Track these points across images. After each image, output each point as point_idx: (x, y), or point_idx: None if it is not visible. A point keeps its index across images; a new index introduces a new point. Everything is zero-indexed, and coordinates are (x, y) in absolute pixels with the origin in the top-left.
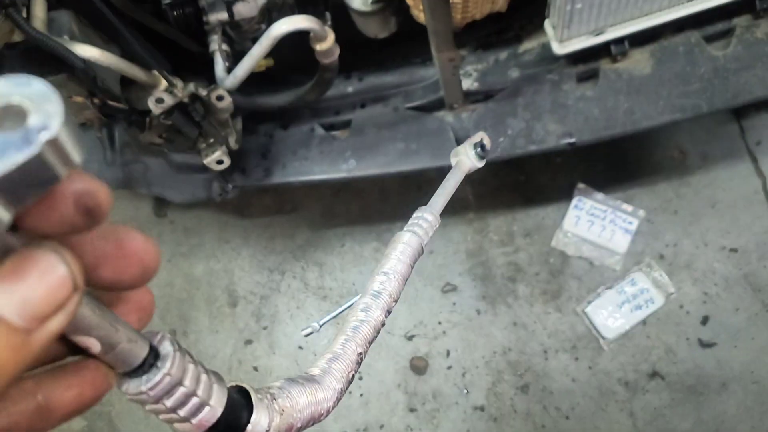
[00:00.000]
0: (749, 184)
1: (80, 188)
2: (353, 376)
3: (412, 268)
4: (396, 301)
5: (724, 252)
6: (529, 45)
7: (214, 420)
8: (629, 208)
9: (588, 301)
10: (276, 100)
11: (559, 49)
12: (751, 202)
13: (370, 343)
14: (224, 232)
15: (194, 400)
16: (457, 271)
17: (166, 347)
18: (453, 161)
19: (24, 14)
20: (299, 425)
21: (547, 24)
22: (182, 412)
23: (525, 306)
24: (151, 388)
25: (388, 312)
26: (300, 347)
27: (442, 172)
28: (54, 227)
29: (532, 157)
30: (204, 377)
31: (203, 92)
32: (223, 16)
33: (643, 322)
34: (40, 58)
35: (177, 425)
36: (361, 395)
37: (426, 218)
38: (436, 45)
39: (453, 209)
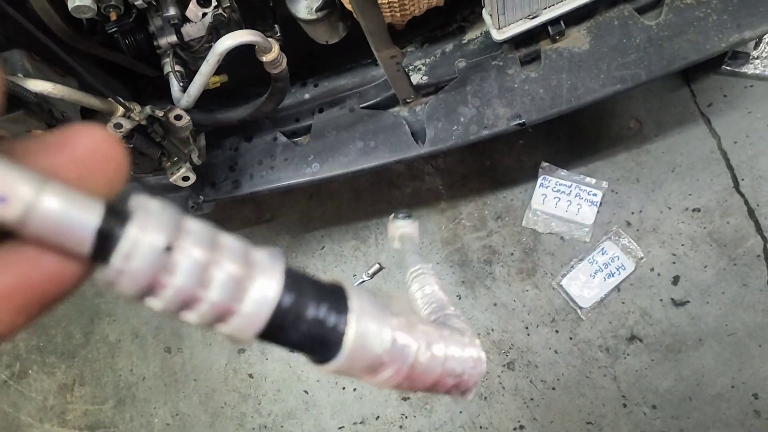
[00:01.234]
0: (705, 145)
1: None
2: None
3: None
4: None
5: (687, 213)
6: (472, 35)
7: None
8: (592, 181)
9: (562, 275)
10: (235, 114)
11: (498, 36)
12: (708, 162)
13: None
14: None
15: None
16: (434, 260)
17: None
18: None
19: None
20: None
21: (485, 13)
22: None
23: (503, 286)
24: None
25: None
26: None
27: (410, 164)
28: None
29: (487, 141)
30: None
31: (160, 113)
32: (173, 38)
33: (617, 288)
34: None
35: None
36: (355, 389)
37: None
38: (375, 45)
39: (425, 201)
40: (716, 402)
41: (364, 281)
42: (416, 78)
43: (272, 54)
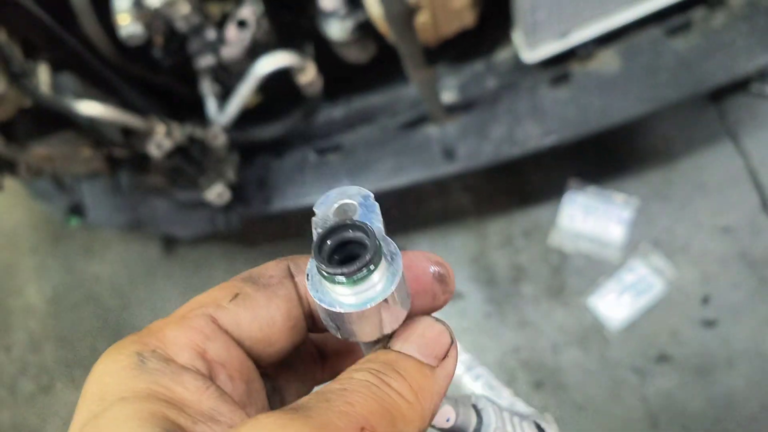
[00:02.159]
0: (733, 164)
1: (433, 261)
2: None
3: None
4: None
5: (717, 232)
6: (503, 55)
7: None
8: (621, 198)
9: (591, 294)
10: (268, 131)
11: (528, 57)
12: (737, 181)
13: None
14: (233, 262)
15: None
16: (462, 277)
17: (484, 403)
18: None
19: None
20: None
21: (515, 34)
22: None
23: (531, 305)
24: None
25: None
26: None
27: (434, 184)
28: (426, 302)
29: (518, 159)
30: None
31: (199, 132)
32: (211, 61)
33: (646, 308)
34: (49, 119)
35: None
36: None
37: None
38: (410, 66)
39: (453, 218)
40: (748, 424)
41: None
42: (447, 96)
43: (309, 75)
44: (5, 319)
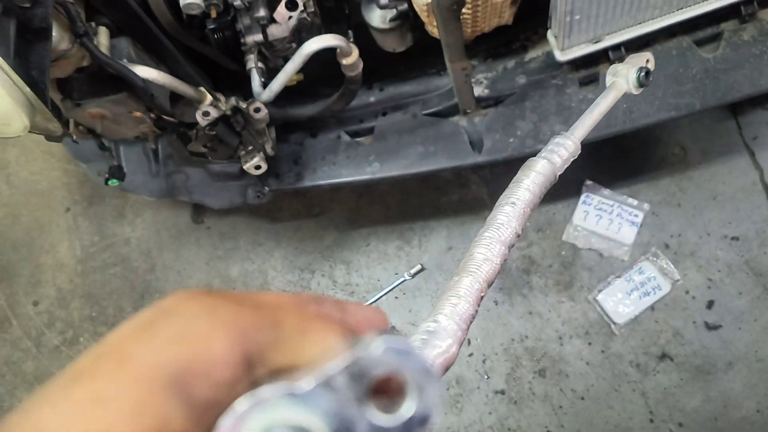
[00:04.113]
0: (747, 176)
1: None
2: (473, 316)
3: (541, 198)
4: (519, 235)
5: (726, 240)
6: (534, 53)
7: None
8: (634, 202)
9: (599, 290)
10: (306, 110)
11: (561, 56)
12: (749, 193)
13: (491, 282)
14: (257, 235)
15: None
16: None
17: None
18: (608, 80)
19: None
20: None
21: (550, 34)
22: None
23: (539, 296)
24: None
25: (511, 246)
26: None
27: (458, 172)
28: None
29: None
30: None
31: (243, 105)
32: (259, 37)
33: (651, 307)
34: (104, 80)
35: None
36: None
37: (565, 145)
38: (449, 56)
39: (470, 209)
40: (741, 425)
41: (405, 280)
42: (478, 90)
43: (352, 58)
44: (36, 274)
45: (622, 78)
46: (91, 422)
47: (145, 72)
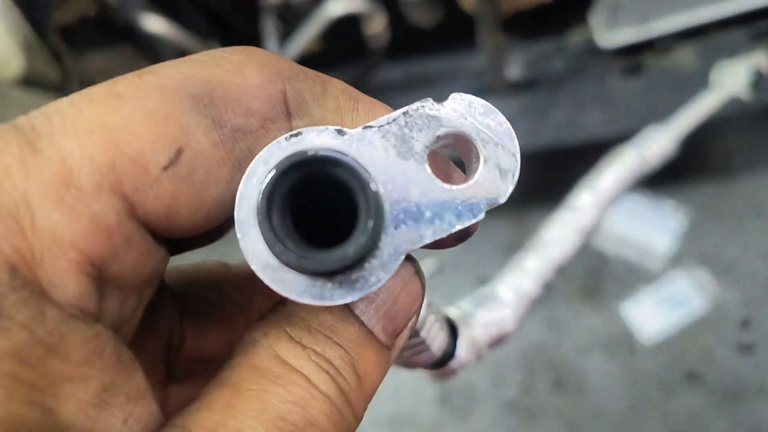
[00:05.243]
0: None
1: None
2: (538, 296)
3: (626, 189)
4: (595, 224)
5: (766, 256)
6: (574, 38)
7: (431, 361)
8: (672, 207)
9: (625, 300)
10: None
11: (604, 42)
12: None
13: (560, 267)
14: None
15: (422, 347)
16: (494, 265)
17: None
18: (712, 78)
19: None
20: (485, 345)
21: (592, 18)
22: (407, 353)
23: (561, 303)
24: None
25: (587, 234)
26: None
27: None
28: None
29: (574, 147)
30: (436, 326)
31: None
32: None
33: (681, 322)
34: (110, 31)
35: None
36: (392, 386)
37: (657, 140)
38: (485, 31)
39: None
40: None
41: None
42: (511, 72)
43: (377, 26)
44: None
45: (729, 76)
46: (106, 114)
47: (154, 23)
